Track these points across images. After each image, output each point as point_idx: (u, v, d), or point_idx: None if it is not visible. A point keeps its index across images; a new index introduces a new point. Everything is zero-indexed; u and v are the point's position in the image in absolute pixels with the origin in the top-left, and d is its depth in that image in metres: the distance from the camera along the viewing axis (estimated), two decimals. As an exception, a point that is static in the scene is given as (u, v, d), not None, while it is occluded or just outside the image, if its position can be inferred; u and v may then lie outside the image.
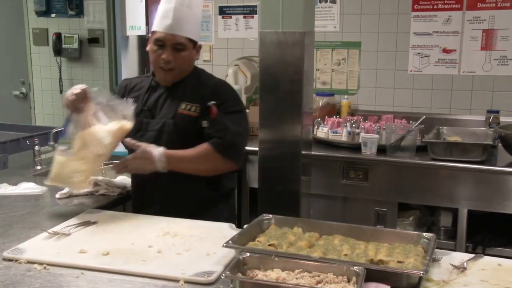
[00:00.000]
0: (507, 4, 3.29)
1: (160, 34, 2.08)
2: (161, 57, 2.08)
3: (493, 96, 3.39)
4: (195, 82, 2.18)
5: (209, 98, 2.11)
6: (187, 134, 2.11)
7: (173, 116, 2.11)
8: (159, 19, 2.10)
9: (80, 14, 4.88)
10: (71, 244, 1.65)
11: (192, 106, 2.12)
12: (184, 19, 2.08)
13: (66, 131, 1.97)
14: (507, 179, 2.73)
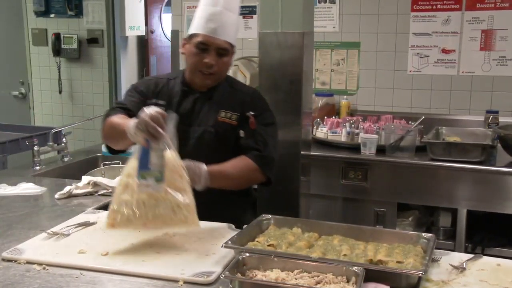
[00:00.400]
0: (506, 5, 3.30)
1: (204, 37, 2.00)
2: (203, 60, 2.00)
3: (492, 97, 3.40)
4: (229, 88, 2.14)
5: (248, 107, 2.08)
6: (227, 142, 2.07)
7: (214, 124, 2.06)
8: (202, 21, 2.01)
9: (80, 15, 4.88)
10: (70, 245, 1.65)
11: (232, 115, 2.08)
12: (228, 23, 2.02)
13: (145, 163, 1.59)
14: (506, 180, 2.73)
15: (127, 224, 1.57)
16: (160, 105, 2.03)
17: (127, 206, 1.56)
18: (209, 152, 2.02)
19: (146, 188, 1.55)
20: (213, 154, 2.00)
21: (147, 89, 2.14)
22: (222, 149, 2.06)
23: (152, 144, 1.59)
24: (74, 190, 2.25)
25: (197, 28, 2.02)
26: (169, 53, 4.47)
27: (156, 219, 1.55)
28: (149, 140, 1.59)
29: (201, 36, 2.00)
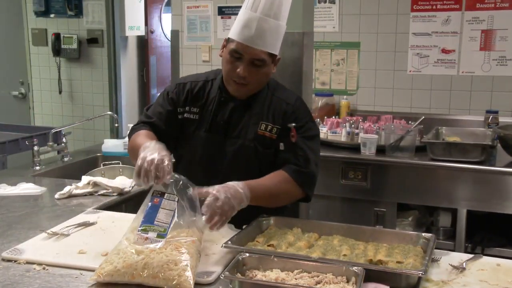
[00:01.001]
0: (506, 5, 3.30)
1: (238, 45, 1.79)
2: (236, 70, 1.81)
3: (492, 97, 3.40)
4: (270, 96, 1.94)
5: (290, 118, 1.90)
6: (265, 157, 1.90)
7: (253, 137, 1.89)
8: (239, 27, 1.80)
9: (79, 15, 4.88)
10: (70, 245, 1.65)
11: (272, 127, 1.90)
12: (268, 31, 1.78)
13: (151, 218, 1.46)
14: (506, 180, 2.73)
15: (113, 273, 1.37)
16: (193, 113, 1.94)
17: (119, 255, 1.40)
18: (245, 166, 1.90)
19: (144, 241, 1.41)
20: (249, 168, 1.90)
21: (178, 96, 1.97)
22: (259, 164, 1.91)
23: (164, 202, 1.48)
24: (74, 190, 2.24)
25: (233, 33, 1.82)
26: (169, 53, 4.47)
27: (146, 270, 1.35)
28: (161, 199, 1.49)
29: (236, 44, 1.80)
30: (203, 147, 1.93)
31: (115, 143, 3.15)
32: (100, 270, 1.37)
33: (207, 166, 1.94)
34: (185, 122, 1.96)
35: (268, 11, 1.78)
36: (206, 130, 1.93)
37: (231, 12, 3.91)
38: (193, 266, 1.38)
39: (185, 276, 1.34)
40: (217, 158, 1.93)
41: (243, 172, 1.82)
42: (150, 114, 1.98)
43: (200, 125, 1.94)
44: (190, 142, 1.96)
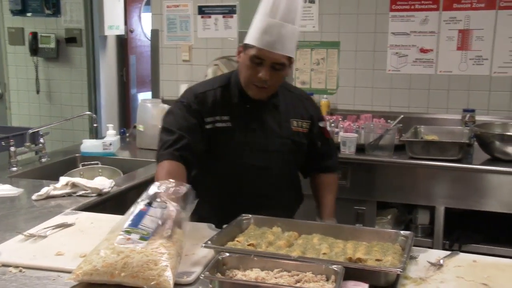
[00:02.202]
0: (482, 5, 3.34)
1: (259, 51, 1.83)
2: (257, 75, 1.86)
3: (469, 96, 3.45)
4: (288, 92, 2.10)
5: (315, 115, 2.12)
6: (303, 150, 2.10)
7: (290, 135, 2.04)
8: (258, 33, 1.84)
9: (57, 14, 4.83)
10: (48, 247, 1.63)
11: (303, 123, 2.07)
12: (287, 36, 1.84)
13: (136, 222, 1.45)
14: (483, 177, 2.77)
15: (92, 273, 1.34)
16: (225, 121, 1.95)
17: (98, 255, 1.38)
18: (286, 161, 2.06)
19: (126, 241, 1.39)
20: (290, 162, 2.08)
21: (201, 106, 1.95)
22: (298, 157, 2.11)
23: (151, 210, 1.48)
24: (52, 191, 2.22)
25: (253, 40, 1.85)
26: (149, 53, 4.44)
27: (125, 270, 1.33)
28: (148, 207, 1.48)
29: (256, 50, 1.84)
30: (246, 152, 1.97)
31: (94, 143, 3.12)
32: (78, 270, 1.36)
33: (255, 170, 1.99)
34: (217, 132, 1.95)
35: (286, 17, 1.84)
36: (245, 135, 1.96)
37: (211, 11, 3.91)
38: (173, 266, 1.37)
39: (165, 276, 1.33)
40: (262, 160, 1.99)
41: (286, 166, 2.06)
42: (174, 128, 1.90)
43: (235, 131, 1.96)
44: (228, 151, 1.97)
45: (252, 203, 1.88)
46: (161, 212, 1.47)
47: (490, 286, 1.38)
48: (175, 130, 1.89)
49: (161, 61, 4.06)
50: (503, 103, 3.38)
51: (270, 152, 2.00)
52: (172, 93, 4.01)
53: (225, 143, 1.96)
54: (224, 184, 2.02)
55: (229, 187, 2.02)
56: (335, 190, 2.21)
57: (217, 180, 2.02)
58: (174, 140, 1.87)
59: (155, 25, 4.05)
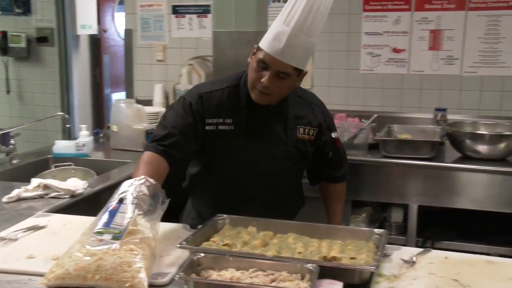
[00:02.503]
0: (452, 6, 3.41)
1: (266, 55, 1.78)
2: (260, 79, 1.81)
3: (441, 95, 3.50)
4: (297, 98, 2.02)
5: (326, 124, 2.06)
6: (307, 157, 2.05)
7: (295, 142, 1.98)
8: (269, 38, 1.79)
9: (28, 12, 4.74)
10: (19, 250, 1.60)
11: (310, 129, 2.01)
12: (298, 47, 1.77)
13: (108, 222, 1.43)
14: (454, 175, 2.82)
15: (64, 277, 1.32)
16: (228, 124, 1.91)
17: (71, 258, 1.35)
18: (290, 168, 2.02)
19: (99, 243, 1.37)
20: (294, 169, 2.05)
21: (203, 107, 1.91)
22: (303, 164, 2.08)
23: (122, 207, 1.46)
24: (23, 193, 2.18)
25: (263, 44, 1.81)
26: (123, 52, 4.40)
27: (98, 272, 1.31)
28: (119, 204, 1.47)
29: (264, 54, 1.79)
30: (249, 157, 1.94)
31: (66, 144, 3.08)
32: (50, 274, 1.33)
33: (257, 175, 1.96)
34: (219, 134, 1.92)
35: (300, 27, 1.76)
36: (247, 140, 1.92)
37: (185, 11, 3.89)
38: (148, 267, 1.36)
39: (139, 278, 1.32)
40: (265, 166, 1.96)
41: (288, 173, 2.03)
42: (168, 125, 1.88)
43: (237, 135, 1.92)
44: (230, 154, 1.94)
45: (252, 208, 1.86)
46: (132, 207, 1.46)
47: (461, 282, 1.41)
48: (167, 126, 1.88)
49: (135, 61, 4.03)
50: (474, 102, 3.45)
51: (273, 158, 1.96)
52: (146, 93, 3.98)
53: (226, 147, 1.93)
54: (224, 187, 1.99)
55: (229, 190, 1.99)
56: (343, 198, 2.24)
57: (217, 181, 2.00)
58: (163, 136, 1.85)
59: (129, 25, 4.01)
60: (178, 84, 3.77)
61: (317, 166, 2.13)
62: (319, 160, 2.10)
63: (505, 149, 2.80)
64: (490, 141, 2.80)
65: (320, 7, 1.80)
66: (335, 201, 2.21)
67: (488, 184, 2.76)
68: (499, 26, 3.34)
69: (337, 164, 2.17)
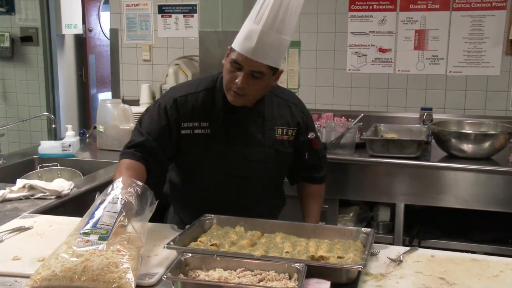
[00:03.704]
0: (436, 6, 3.43)
1: (238, 56, 1.76)
2: (235, 80, 1.79)
3: (426, 94, 3.53)
4: (275, 98, 1.99)
5: (304, 123, 2.03)
6: (287, 158, 2.02)
7: (273, 143, 1.95)
8: (241, 38, 1.77)
9: (11, 11, 4.69)
10: (4, 251, 1.58)
11: (288, 130, 1.98)
12: (270, 45, 1.75)
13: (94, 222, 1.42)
14: (440, 174, 2.84)
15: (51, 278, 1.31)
16: (204, 127, 1.89)
17: (57, 259, 1.35)
18: (269, 170, 1.98)
19: (85, 244, 1.37)
20: (273, 171, 2.01)
21: (179, 111, 1.89)
22: (283, 165, 2.04)
23: (108, 206, 1.46)
24: (8, 194, 2.15)
25: (235, 43, 1.79)
26: (108, 52, 4.37)
27: (85, 273, 1.31)
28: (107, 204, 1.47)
29: (236, 54, 1.77)
30: (225, 161, 1.91)
31: (52, 145, 3.05)
32: (36, 276, 1.32)
33: (234, 179, 1.93)
34: (195, 138, 1.89)
35: (271, 25, 1.74)
36: (224, 144, 1.90)
37: (171, 10, 3.88)
38: (135, 268, 1.36)
39: (126, 278, 1.31)
40: (243, 170, 1.93)
41: (268, 175, 1.99)
42: (144, 131, 1.88)
43: (214, 138, 1.90)
44: (206, 158, 1.92)
45: (233, 211, 1.84)
46: (119, 206, 1.46)
47: (447, 280, 1.42)
48: (144, 133, 1.87)
49: (121, 60, 4.00)
50: (459, 101, 3.49)
51: (251, 161, 1.93)
52: (133, 93, 3.96)
53: (204, 151, 1.91)
54: (204, 192, 1.97)
55: (209, 196, 1.96)
56: (322, 199, 2.20)
57: (197, 187, 1.98)
58: (140, 143, 1.85)
59: (114, 24, 3.99)
60: (164, 84, 3.76)
61: (297, 166, 2.10)
62: (296, 162, 2.08)
63: (489, 148, 2.83)
64: (475, 140, 2.83)
65: (290, 3, 1.77)
66: (312, 202, 2.16)
67: (473, 182, 2.79)
68: (483, 26, 3.38)
69: (315, 166, 2.13)
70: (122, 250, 1.37)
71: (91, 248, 1.36)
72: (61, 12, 4.80)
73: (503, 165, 2.78)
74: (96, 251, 1.35)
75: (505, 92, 3.42)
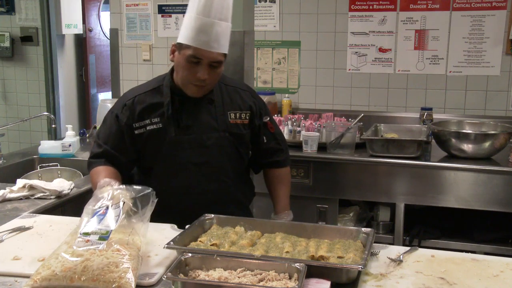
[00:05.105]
0: (436, 6, 3.43)
1: (195, 50, 1.82)
2: (195, 75, 1.85)
3: (426, 94, 3.53)
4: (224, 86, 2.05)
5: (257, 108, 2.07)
6: (244, 141, 2.07)
7: (226, 128, 2.00)
8: (193, 32, 1.82)
9: (11, 11, 4.69)
10: (4, 251, 1.58)
11: (241, 113, 2.04)
12: (222, 34, 1.85)
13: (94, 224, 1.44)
14: (440, 174, 2.84)
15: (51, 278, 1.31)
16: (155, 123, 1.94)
17: (57, 259, 1.34)
18: (228, 155, 2.02)
19: (85, 244, 1.37)
20: (232, 155, 2.03)
21: (129, 114, 1.96)
22: (242, 149, 2.07)
23: (110, 211, 1.47)
24: (8, 194, 2.15)
25: (188, 39, 1.83)
26: (108, 52, 4.37)
27: (85, 273, 1.31)
28: (107, 210, 1.48)
29: (193, 49, 1.82)
30: (181, 150, 1.97)
31: (52, 145, 3.05)
32: (37, 275, 1.32)
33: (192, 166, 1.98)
34: (149, 135, 1.96)
35: (220, 15, 1.83)
36: (178, 134, 1.96)
37: (171, 10, 3.87)
38: (135, 268, 1.36)
39: (126, 278, 1.31)
40: (200, 156, 1.98)
41: (226, 160, 2.01)
42: (101, 142, 1.99)
43: (167, 131, 1.95)
44: (162, 151, 1.97)
45: (200, 200, 1.94)
46: (119, 208, 1.47)
47: (447, 280, 1.42)
48: (102, 144, 1.99)
49: (121, 60, 4.00)
50: (459, 101, 3.49)
51: (207, 147, 1.98)
52: (133, 93, 3.96)
53: (158, 144, 1.97)
54: (167, 184, 2.00)
55: (172, 187, 2.00)
56: (288, 183, 2.23)
57: (160, 181, 1.99)
58: (101, 153, 1.98)
59: (114, 24, 3.99)
60: (164, 83, 3.75)
61: (257, 152, 2.15)
62: (256, 147, 2.13)
63: (489, 148, 2.83)
64: (475, 140, 2.83)
65: None
66: (278, 186, 2.20)
67: (473, 182, 2.79)
68: (483, 26, 3.38)
69: (274, 149, 2.17)
70: (122, 250, 1.37)
71: (91, 247, 1.36)
72: (61, 12, 4.80)
73: (503, 165, 2.78)
74: (96, 251, 1.35)
75: (505, 92, 3.42)
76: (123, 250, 1.37)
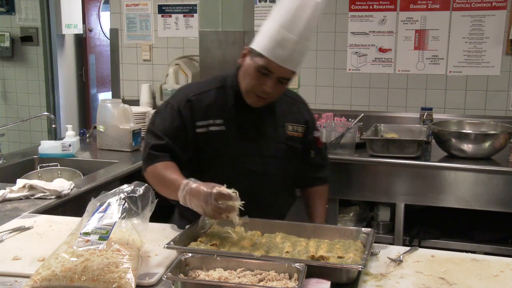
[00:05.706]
0: (437, 6, 3.43)
1: (269, 63, 1.75)
2: (261, 86, 1.79)
3: (426, 94, 3.53)
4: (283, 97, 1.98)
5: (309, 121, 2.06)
6: (298, 154, 2.04)
7: (285, 139, 1.98)
8: (272, 44, 1.75)
9: (11, 11, 4.69)
10: (4, 251, 1.58)
11: (298, 127, 2.01)
12: (300, 53, 1.78)
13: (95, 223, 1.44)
14: (440, 174, 2.84)
15: (51, 278, 1.31)
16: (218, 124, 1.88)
17: (57, 259, 1.35)
18: (283, 166, 1.99)
19: (85, 244, 1.37)
20: (286, 167, 2.01)
21: (193, 110, 1.88)
22: (293, 161, 2.04)
23: (110, 208, 1.47)
24: (8, 194, 2.15)
25: (264, 50, 1.76)
26: (108, 52, 4.37)
27: (85, 273, 1.31)
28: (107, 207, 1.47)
29: (266, 61, 1.75)
30: (242, 157, 1.92)
31: (52, 145, 3.05)
32: (36, 276, 1.32)
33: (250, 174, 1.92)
34: (211, 136, 1.89)
35: (304, 33, 1.76)
36: (239, 139, 1.91)
37: (171, 10, 3.88)
38: (135, 268, 1.36)
39: (126, 278, 1.31)
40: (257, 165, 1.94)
41: (281, 172, 1.99)
42: (161, 134, 1.87)
43: (229, 135, 1.90)
44: (222, 155, 1.91)
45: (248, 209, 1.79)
46: (119, 208, 1.46)
47: (447, 280, 1.42)
48: (163, 137, 1.86)
49: (121, 60, 4.01)
50: (459, 101, 3.49)
51: (265, 157, 1.95)
52: (133, 93, 3.96)
53: (220, 147, 1.91)
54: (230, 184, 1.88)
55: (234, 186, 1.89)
56: (326, 200, 2.19)
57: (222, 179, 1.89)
58: (165, 146, 1.85)
59: (114, 24, 3.99)
60: (164, 84, 3.76)
61: (302, 166, 2.10)
62: (304, 161, 2.09)
63: (490, 148, 2.83)
64: (475, 140, 2.83)
65: (316, 11, 1.77)
66: (319, 201, 2.14)
67: (474, 182, 2.79)
68: (483, 26, 3.38)
69: (320, 165, 2.14)
70: (122, 250, 1.37)
71: (91, 248, 1.36)
72: (61, 12, 4.80)
73: (503, 165, 2.78)
74: (96, 251, 1.35)
75: (505, 92, 3.42)
76: (123, 250, 1.37)
